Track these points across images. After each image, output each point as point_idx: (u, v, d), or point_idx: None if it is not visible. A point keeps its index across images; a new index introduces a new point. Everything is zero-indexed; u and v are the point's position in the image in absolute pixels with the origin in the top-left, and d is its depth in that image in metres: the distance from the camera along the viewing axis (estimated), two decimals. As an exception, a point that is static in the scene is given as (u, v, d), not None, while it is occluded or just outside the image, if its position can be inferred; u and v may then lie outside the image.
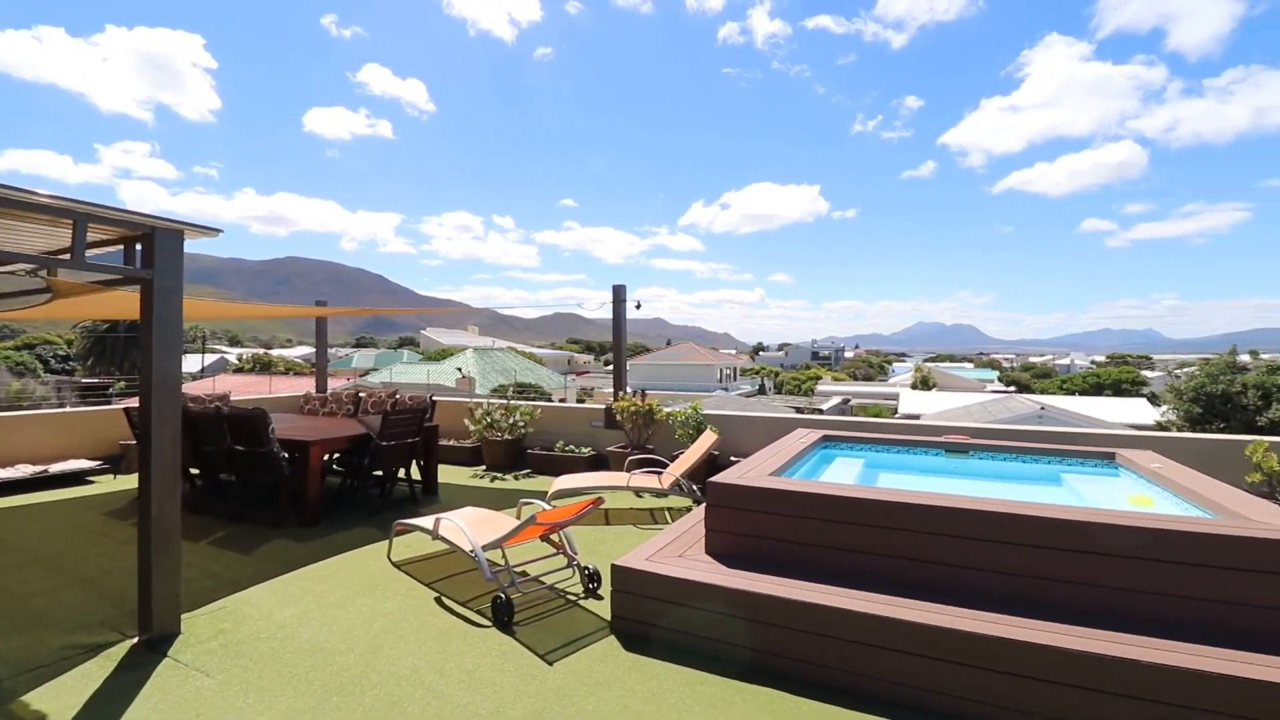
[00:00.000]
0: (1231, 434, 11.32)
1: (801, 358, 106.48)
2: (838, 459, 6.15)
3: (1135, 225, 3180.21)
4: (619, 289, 9.76)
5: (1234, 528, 3.15)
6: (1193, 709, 2.63)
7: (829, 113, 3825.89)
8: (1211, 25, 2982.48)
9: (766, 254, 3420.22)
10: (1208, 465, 5.66)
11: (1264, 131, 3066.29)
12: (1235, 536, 3.04)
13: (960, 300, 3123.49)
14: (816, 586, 3.45)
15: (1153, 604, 3.10)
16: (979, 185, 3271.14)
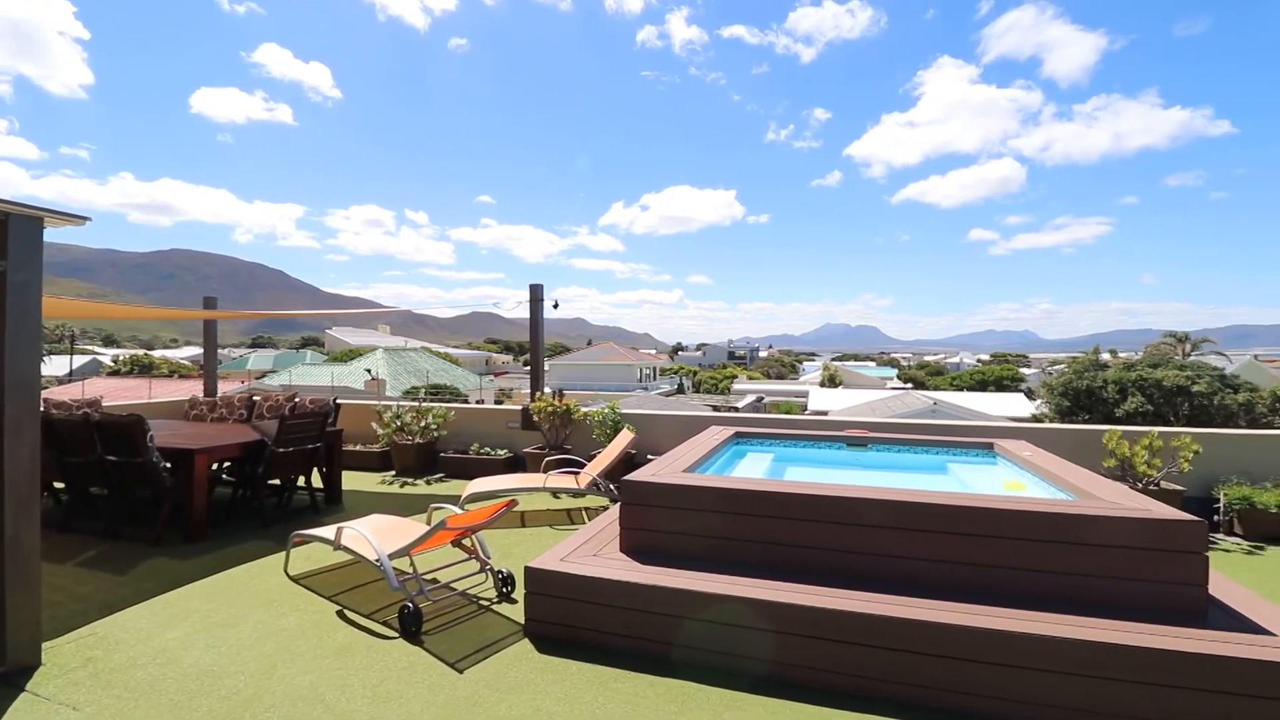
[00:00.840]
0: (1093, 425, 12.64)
1: (719, 357, 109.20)
2: (749, 454, 6.37)
3: (1015, 235, 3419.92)
4: (536, 288, 9.65)
5: (1089, 508, 3.53)
6: (1060, 673, 2.92)
7: (744, 120, 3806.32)
8: (1080, 56, 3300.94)
9: (685, 256, 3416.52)
10: (1073, 453, 6.29)
11: (1122, 154, 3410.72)
12: (1089, 515, 3.41)
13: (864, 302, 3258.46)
14: (726, 578, 3.56)
15: (1023, 580, 3.41)
16: (880, 195, 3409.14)
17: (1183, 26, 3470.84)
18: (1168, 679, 2.80)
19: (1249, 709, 2.72)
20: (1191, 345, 32.21)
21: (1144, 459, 5.99)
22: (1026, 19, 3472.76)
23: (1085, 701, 2.88)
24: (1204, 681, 2.77)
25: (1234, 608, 3.26)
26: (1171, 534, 3.21)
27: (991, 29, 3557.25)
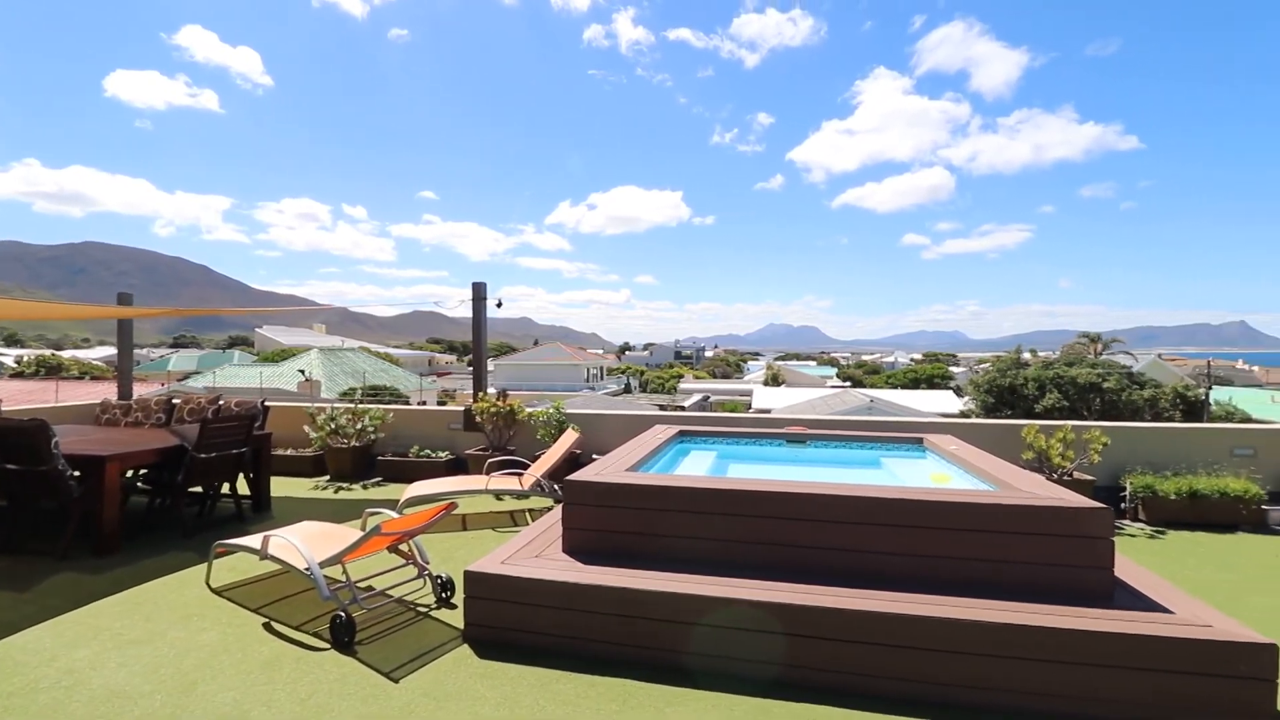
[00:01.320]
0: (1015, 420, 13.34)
1: (666, 357, 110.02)
2: (693, 452, 6.44)
3: (945, 241, 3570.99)
4: (479, 287, 9.48)
5: (1008, 498, 3.73)
6: (982, 655, 3.07)
7: (690, 123, 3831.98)
8: (1004, 72, 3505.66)
9: (633, 256, 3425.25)
10: (995, 446, 6.63)
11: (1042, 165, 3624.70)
12: (1008, 505, 3.60)
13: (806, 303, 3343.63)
14: (669, 575, 3.59)
15: (949, 568, 3.57)
16: (820, 199, 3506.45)
17: (1095, 47, 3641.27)
18: (1078, 657, 2.99)
19: (1151, 682, 2.93)
20: (1103, 345, 34.56)
21: (1059, 451, 6.38)
22: (956, 34, 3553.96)
23: (1003, 682, 3.03)
24: (1111, 658, 2.97)
25: (1138, 589, 3.51)
26: (1081, 521, 3.42)
27: (924, 42, 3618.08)
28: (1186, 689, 2.91)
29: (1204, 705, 2.90)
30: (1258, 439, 6.77)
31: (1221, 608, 3.42)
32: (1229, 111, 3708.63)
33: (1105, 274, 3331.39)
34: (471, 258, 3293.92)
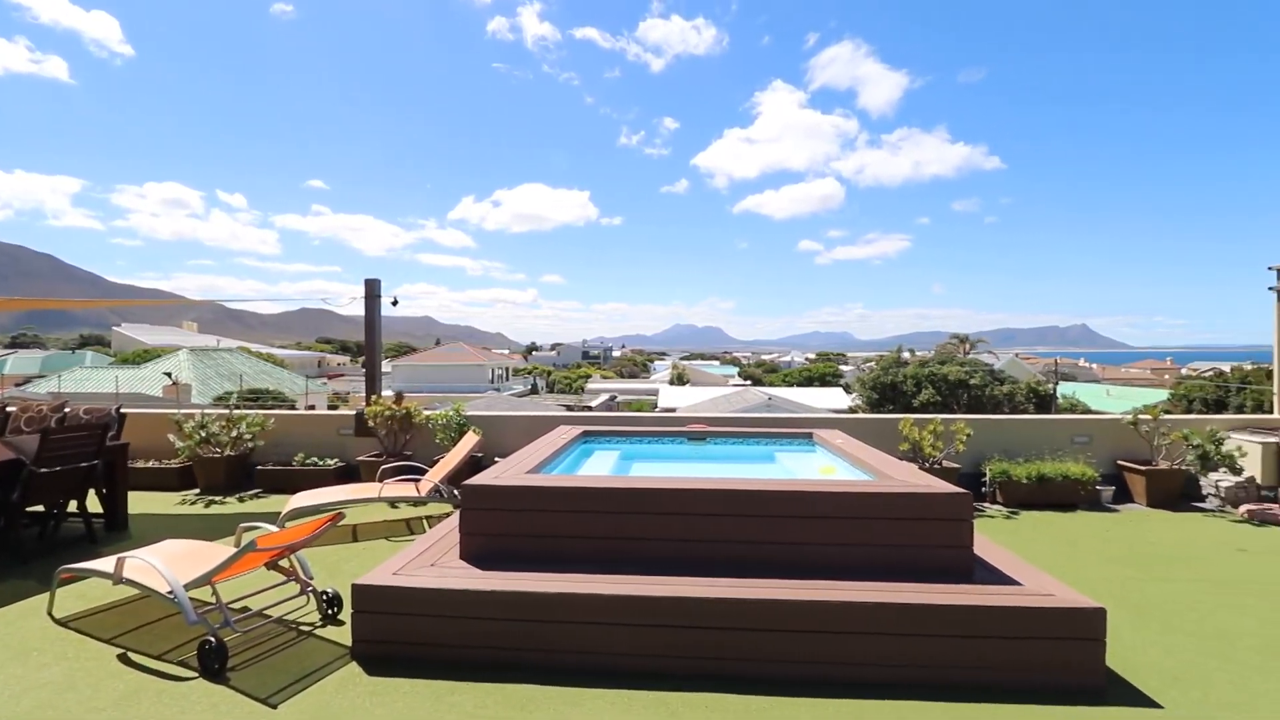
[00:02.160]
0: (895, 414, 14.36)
1: (573, 357, 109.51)
2: (596, 452, 6.46)
3: (835, 247, 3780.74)
4: (372, 284, 9.03)
5: (884, 486, 4.03)
6: (874, 633, 3.30)
7: (598, 123, 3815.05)
8: (887, 92, 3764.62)
9: (540, 254, 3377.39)
10: (876, 439, 7.14)
11: (919, 180, 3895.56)
12: (884, 493, 3.89)
13: (710, 304, 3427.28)
14: (570, 576, 3.58)
15: (836, 554, 3.80)
16: (723, 204, 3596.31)
17: (965, 74, 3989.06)
18: (940, 630, 3.28)
19: (1003, 648, 3.27)
20: (970, 345, 38.08)
21: (930, 442, 6.97)
22: (845, 54, 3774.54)
23: (874, 657, 3.28)
24: (968, 628, 3.28)
25: (994, 564, 3.89)
26: (944, 506, 3.76)
27: (817, 60, 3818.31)
28: (1033, 652, 3.27)
29: (1047, 665, 3.26)
30: (1093, 428, 7.72)
31: (1063, 578, 3.87)
32: (1076, 136, 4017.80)
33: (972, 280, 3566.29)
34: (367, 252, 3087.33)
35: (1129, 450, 7.43)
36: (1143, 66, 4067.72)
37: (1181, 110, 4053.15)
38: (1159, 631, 3.92)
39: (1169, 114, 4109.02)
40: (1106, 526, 6.25)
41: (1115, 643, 3.57)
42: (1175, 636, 3.85)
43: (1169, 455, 7.11)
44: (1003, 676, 3.25)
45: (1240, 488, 6.77)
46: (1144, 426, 7.23)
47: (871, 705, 3.07)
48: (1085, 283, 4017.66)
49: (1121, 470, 7.29)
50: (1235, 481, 6.78)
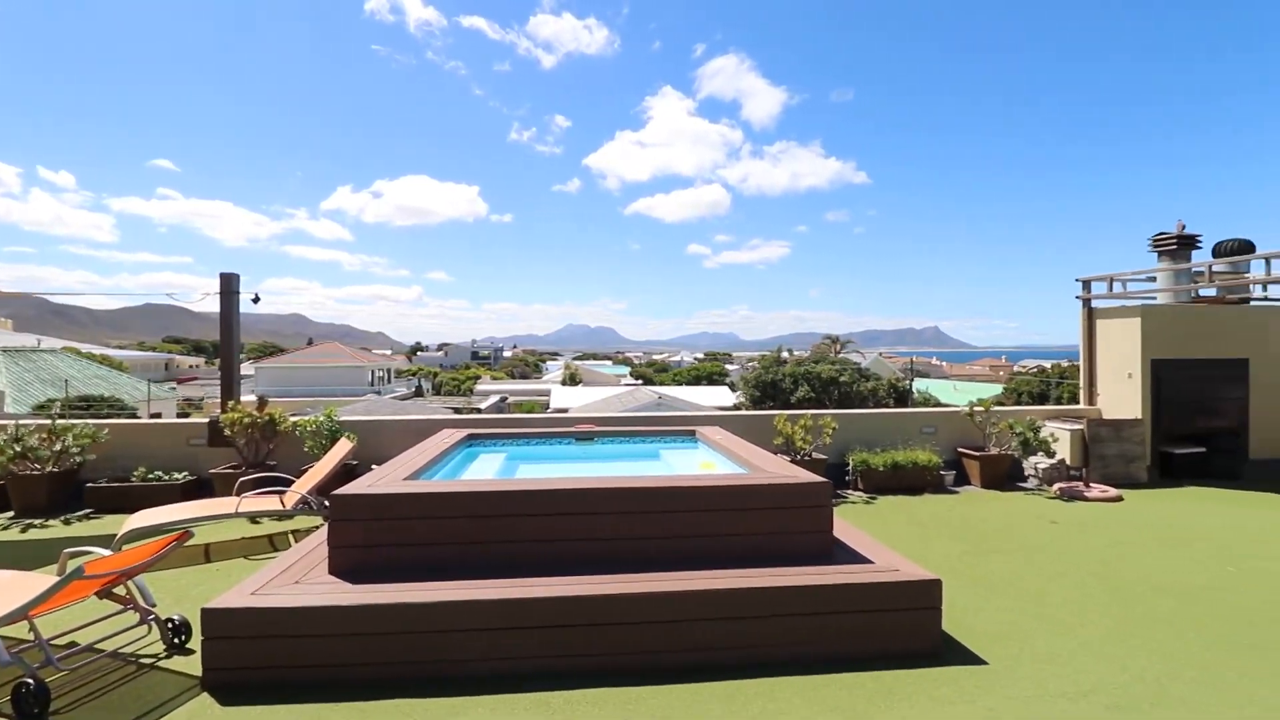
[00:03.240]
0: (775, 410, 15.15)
1: (462, 358, 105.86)
2: (481, 456, 6.33)
3: (722, 251, 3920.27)
4: (229, 278, 8.28)
5: (756, 478, 4.29)
6: (746, 618, 3.50)
7: (487, 116, 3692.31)
8: (768, 106, 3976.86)
9: (425, 250, 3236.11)
10: (755, 434, 7.55)
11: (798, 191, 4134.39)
12: (756, 485, 4.15)
13: (602, 305, 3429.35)
14: (448, 584, 3.49)
15: (715, 545, 3.99)
16: (615, 206, 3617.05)
17: (837, 93, 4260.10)
18: (804, 609, 3.55)
19: (857, 621, 3.59)
20: (840, 345, 41.09)
21: (801, 436, 7.49)
22: (730, 66, 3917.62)
23: (744, 639, 3.49)
24: (826, 606, 3.57)
25: (851, 546, 4.25)
26: (807, 494, 4.07)
27: (705, 69, 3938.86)
28: (882, 622, 3.62)
29: (895, 633, 3.62)
30: (938, 420, 8.62)
31: (910, 555, 4.31)
32: (931, 157, 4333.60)
33: (844, 285, 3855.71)
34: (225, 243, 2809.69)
35: (967, 438, 8.38)
36: (982, 97, 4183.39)
37: (1009, 139, 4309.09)
38: (986, 597, 4.47)
39: (1001, 141, 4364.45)
40: (948, 507, 7.02)
41: (951, 609, 4.04)
42: (999, 600, 4.41)
43: (998, 442, 8.10)
44: (858, 647, 3.57)
45: (1054, 468, 7.85)
46: (978, 417, 8.20)
47: (746, 684, 3.26)
48: (938, 289, 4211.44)
49: (961, 456, 8.21)
50: (1050, 463, 7.86)
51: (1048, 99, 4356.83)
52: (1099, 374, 9.00)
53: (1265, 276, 7.94)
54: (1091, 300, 9.18)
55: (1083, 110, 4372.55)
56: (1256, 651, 3.65)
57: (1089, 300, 9.19)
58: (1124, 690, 3.25)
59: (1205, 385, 8.52)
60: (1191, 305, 8.95)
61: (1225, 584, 4.72)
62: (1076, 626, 4.00)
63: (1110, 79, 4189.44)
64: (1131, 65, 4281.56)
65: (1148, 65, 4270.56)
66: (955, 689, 3.26)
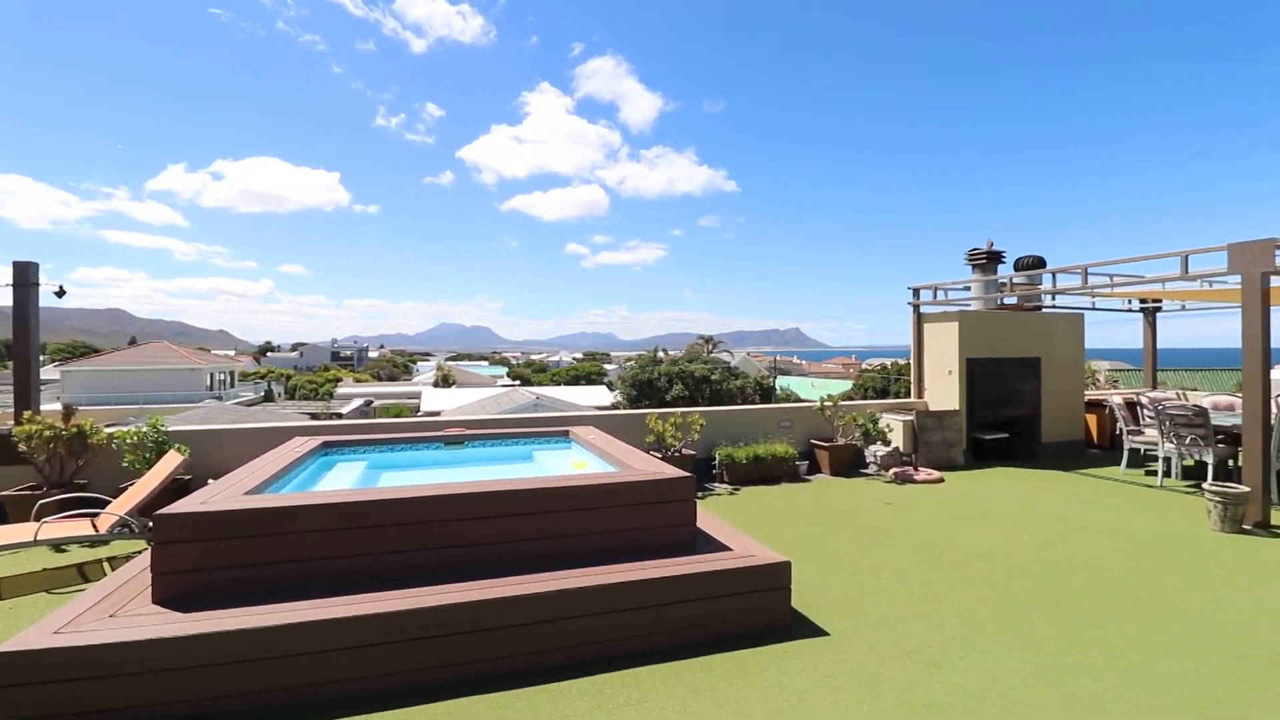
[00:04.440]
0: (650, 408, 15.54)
1: (321, 358, 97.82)
2: (339, 465, 5.95)
3: (601, 252, 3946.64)
4: (24, 267, 7.14)
5: (625, 475, 4.41)
6: (612, 612, 3.58)
7: (349, 98, 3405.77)
8: (645, 111, 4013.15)
9: (276, 240, 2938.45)
10: (628, 433, 7.73)
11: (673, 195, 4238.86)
12: (624, 482, 4.27)
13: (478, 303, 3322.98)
14: (296, 604, 3.27)
15: (587, 542, 4.05)
16: (491, 201, 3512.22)
17: (710, 104, 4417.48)
18: (669, 598, 3.72)
19: (717, 606, 3.82)
20: (712, 345, 42.96)
21: (671, 433, 7.78)
22: (608, 68, 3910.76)
23: (613, 633, 3.60)
24: (691, 594, 3.77)
25: (713, 535, 4.51)
26: (672, 489, 4.27)
27: (583, 69, 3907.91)
28: (740, 604, 3.88)
29: (751, 614, 3.89)
30: (794, 414, 9.31)
31: (767, 540, 4.65)
32: (791, 170, 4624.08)
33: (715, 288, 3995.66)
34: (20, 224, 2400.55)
35: (819, 431, 9.14)
36: (840, 115, 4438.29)
37: (862, 155, 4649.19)
38: (829, 574, 4.93)
39: (855, 156, 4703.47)
40: (802, 494, 7.62)
41: (801, 587, 4.42)
42: (840, 576, 4.88)
43: (845, 433, 8.92)
44: (719, 629, 3.80)
45: (890, 455, 8.77)
46: (827, 411, 8.97)
47: (613, 677, 3.37)
48: (799, 292, 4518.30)
49: (813, 447, 8.93)
50: (887, 451, 8.77)
51: (894, 118, 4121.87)
52: (926, 371, 10.19)
53: (1052, 288, 9.41)
54: (920, 306, 10.37)
55: (920, 128, 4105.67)
56: (1048, 608, 4.33)
57: (918, 306, 10.37)
58: (939, 648, 3.74)
59: (1008, 380, 9.94)
60: (998, 312, 10.38)
61: (1020, 548, 5.55)
62: (903, 594, 4.53)
63: (950, 101, 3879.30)
64: (963, 88, 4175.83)
65: (983, 88, 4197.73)
66: (801, 660, 3.58)
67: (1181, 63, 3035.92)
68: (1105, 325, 76.04)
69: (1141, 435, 8.78)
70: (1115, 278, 8.51)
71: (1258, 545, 5.59)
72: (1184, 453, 7.88)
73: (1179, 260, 6.86)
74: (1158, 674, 3.42)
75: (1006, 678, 3.39)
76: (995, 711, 3.09)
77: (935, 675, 3.42)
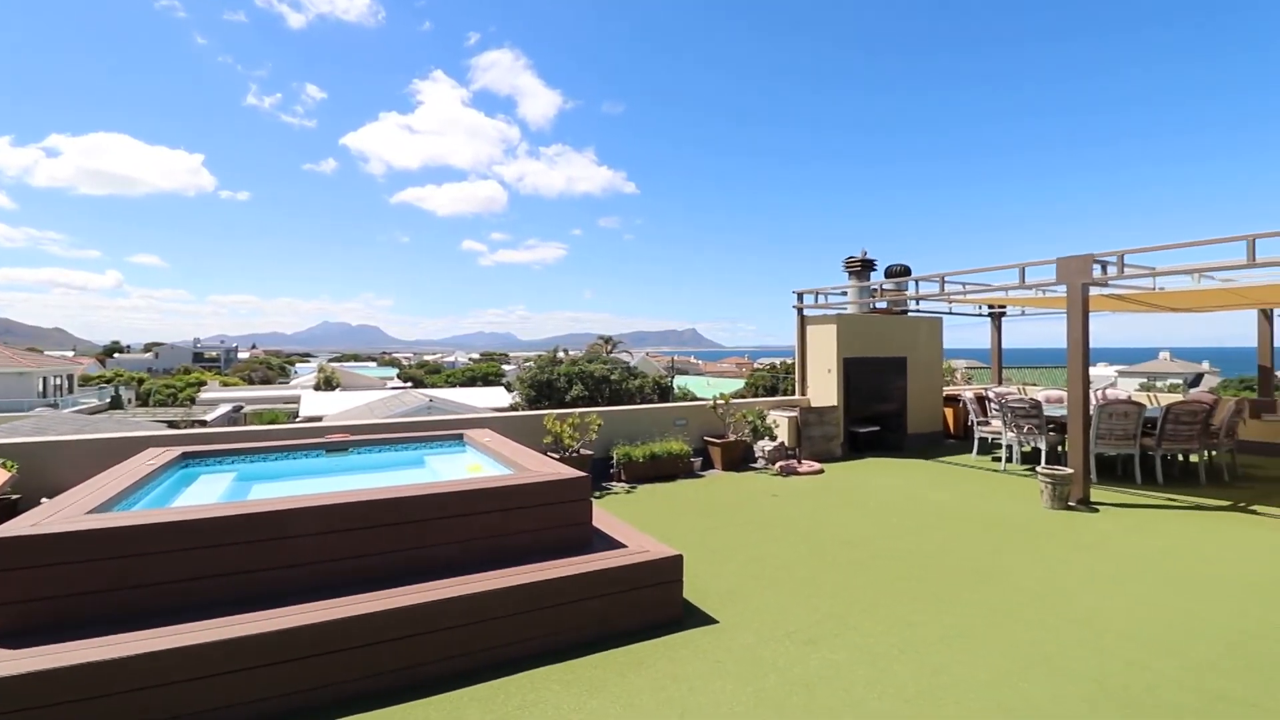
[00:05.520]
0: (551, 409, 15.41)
1: (181, 360, 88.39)
2: (201, 477, 5.44)
3: (499, 250, 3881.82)
4: None
5: (520, 478, 4.38)
6: (506, 616, 3.54)
7: (216, 72, 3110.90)
8: (544, 107, 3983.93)
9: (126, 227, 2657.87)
10: (526, 435, 7.65)
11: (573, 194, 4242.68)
12: (519, 484, 4.24)
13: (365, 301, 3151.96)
14: (137, 635, 2.97)
15: (482, 546, 3.98)
16: (380, 193, 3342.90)
17: (609, 105, 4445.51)
18: (565, 598, 3.75)
19: (612, 602, 3.89)
20: (612, 345, 43.27)
21: (568, 433, 7.79)
22: (506, 61, 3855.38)
23: (509, 636, 3.58)
24: (587, 592, 3.81)
25: (609, 533, 4.58)
26: (566, 489, 4.29)
27: (480, 60, 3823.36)
28: (635, 600, 3.97)
29: (646, 608, 4.00)
30: (689, 412, 9.61)
31: (662, 536, 4.79)
32: (688, 174, 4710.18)
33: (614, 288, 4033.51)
34: None
35: (712, 428, 9.49)
36: (735, 120, 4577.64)
37: (754, 160, 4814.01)
38: (720, 565, 5.15)
39: (748, 160, 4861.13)
40: (696, 489, 7.89)
41: (693, 578, 4.59)
42: (730, 566, 5.12)
43: (735, 430, 9.32)
44: (616, 625, 3.87)
45: (777, 450, 9.27)
46: (719, 409, 9.35)
47: (508, 682, 3.34)
48: (696, 293, 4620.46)
49: (707, 444, 9.27)
50: (774, 445, 9.27)
51: (778, 125, 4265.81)
52: (809, 370, 10.86)
53: (916, 294, 10.35)
54: (804, 309, 11.04)
55: (796, 137, 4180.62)
56: (911, 585, 4.77)
57: (802, 309, 11.04)
58: (816, 627, 4.02)
59: (880, 378, 10.81)
60: (871, 315, 11.26)
61: (889, 532, 6.07)
62: (786, 580, 4.83)
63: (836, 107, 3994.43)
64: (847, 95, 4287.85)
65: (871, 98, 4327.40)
66: (691, 649, 3.72)
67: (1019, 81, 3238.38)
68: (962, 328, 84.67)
69: (989, 425, 9.87)
70: (967, 285, 9.50)
71: (1080, 519, 6.47)
72: (1023, 440, 8.96)
73: (1018, 271, 7.78)
74: (1001, 637, 3.88)
75: (874, 650, 3.72)
76: (863, 681, 3.38)
77: (812, 653, 3.68)
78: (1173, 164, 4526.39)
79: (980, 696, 3.23)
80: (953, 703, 3.18)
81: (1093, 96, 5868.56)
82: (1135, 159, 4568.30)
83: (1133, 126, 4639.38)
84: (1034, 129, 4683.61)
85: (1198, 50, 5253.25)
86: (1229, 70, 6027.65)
